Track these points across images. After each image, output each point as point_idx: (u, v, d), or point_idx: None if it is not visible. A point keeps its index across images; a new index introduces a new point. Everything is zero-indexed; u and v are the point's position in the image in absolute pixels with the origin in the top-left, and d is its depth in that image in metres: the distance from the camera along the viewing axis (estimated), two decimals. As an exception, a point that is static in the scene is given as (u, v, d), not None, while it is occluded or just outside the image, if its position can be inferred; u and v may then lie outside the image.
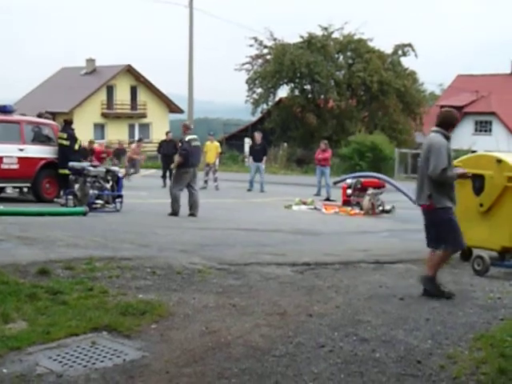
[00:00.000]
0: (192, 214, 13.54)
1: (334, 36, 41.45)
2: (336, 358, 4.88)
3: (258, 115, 44.30)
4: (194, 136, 13.99)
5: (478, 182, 9.51)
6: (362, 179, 18.16)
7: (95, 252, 8.24)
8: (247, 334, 5.41)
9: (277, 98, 42.70)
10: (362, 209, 17.03)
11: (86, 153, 19.09)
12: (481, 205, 9.46)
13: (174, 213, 13.40)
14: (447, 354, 4.96)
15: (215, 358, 4.81)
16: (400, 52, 41.81)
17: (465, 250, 9.78)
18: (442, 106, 48.78)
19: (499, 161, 9.34)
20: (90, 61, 55.76)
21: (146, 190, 20.40)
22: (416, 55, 41.87)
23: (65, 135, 15.04)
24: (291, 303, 6.48)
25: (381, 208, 17.12)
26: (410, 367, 4.69)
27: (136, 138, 39.72)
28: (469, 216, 9.67)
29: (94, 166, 14.34)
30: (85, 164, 14.31)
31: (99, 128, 51.84)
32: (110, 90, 53.76)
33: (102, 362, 4.72)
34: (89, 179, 13.75)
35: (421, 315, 6.13)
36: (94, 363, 4.69)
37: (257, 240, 10.79)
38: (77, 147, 15.28)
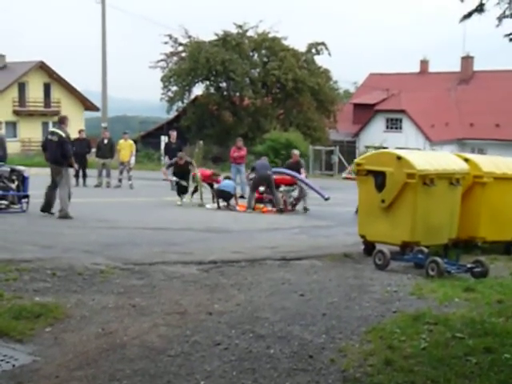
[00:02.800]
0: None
1: (248, 34, 41.58)
2: (230, 355, 4.92)
3: (174, 113, 43.98)
4: (53, 129, 13.78)
5: (380, 179, 9.79)
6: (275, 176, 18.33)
7: (-8, 255, 8.00)
8: (144, 334, 5.38)
9: (192, 96, 42.52)
10: (274, 206, 17.21)
11: None
12: (382, 201, 9.73)
13: (66, 215, 12.81)
14: (339, 347, 5.09)
15: (108, 360, 4.76)
16: (314, 50, 42.34)
17: (368, 244, 10.10)
18: (355, 104, 49.98)
19: (399, 158, 9.64)
20: (0, 57, 53.93)
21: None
22: (329, 53, 42.51)
23: None
24: (192, 302, 6.49)
25: (293, 203, 17.39)
26: (301, 362, 4.78)
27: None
28: (371, 212, 9.95)
29: (-2, 166, 13.90)
30: (-12, 164, 13.85)
31: (11, 126, 50.19)
32: (22, 87, 52.16)
33: (-10, 368, 4.60)
34: (-7, 180, 13.33)
35: (318, 310, 6.25)
36: (-19, 370, 4.56)
37: (165, 239, 10.72)
38: None
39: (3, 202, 13.43)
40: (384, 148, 24.95)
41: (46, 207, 13.04)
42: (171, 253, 9.23)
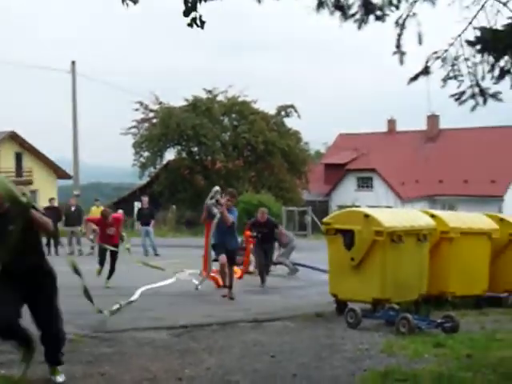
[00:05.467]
0: None
1: (218, 99, 42.33)
2: (199, 420, 4.87)
3: (147, 178, 44.18)
4: None
5: (349, 237, 9.89)
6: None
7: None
8: None
9: (164, 161, 42.85)
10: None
11: None
12: (352, 259, 9.82)
13: None
14: (309, 408, 5.07)
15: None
16: (283, 113, 43.15)
17: (340, 303, 10.13)
18: (325, 164, 50.63)
19: (367, 216, 9.78)
20: (-29, 128, 54.00)
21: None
22: (299, 115, 43.33)
23: None
24: (162, 368, 6.43)
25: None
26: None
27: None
28: (341, 270, 10.01)
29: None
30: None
31: (-19, 197, 49.95)
32: (-7, 157, 52.13)
33: None
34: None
35: (289, 371, 6.23)
36: None
37: (138, 305, 10.62)
38: None
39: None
40: (356, 207, 25.22)
41: None
42: (142, 318, 9.15)
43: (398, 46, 5.53)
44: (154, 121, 41.95)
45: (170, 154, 43.08)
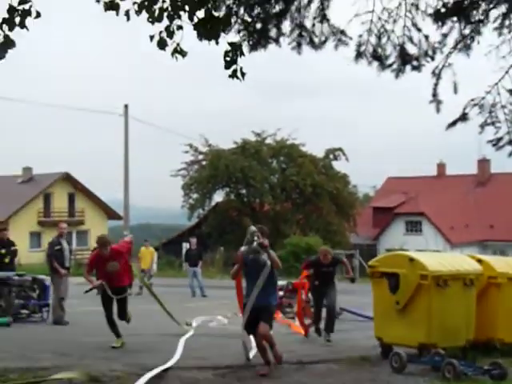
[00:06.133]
0: None
1: (267, 141, 42.80)
2: None
3: (196, 220, 44.67)
4: None
5: (394, 281, 9.89)
6: (293, 281, 18.37)
7: (11, 363, 8.12)
8: None
9: (213, 203, 43.34)
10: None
11: None
12: (397, 302, 9.78)
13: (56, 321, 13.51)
14: None
15: None
16: (331, 156, 43.34)
17: (385, 346, 10.07)
18: (374, 208, 50.39)
19: (411, 259, 9.77)
20: (27, 169, 55.67)
21: (76, 298, 20.07)
22: (347, 159, 43.47)
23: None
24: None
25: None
26: None
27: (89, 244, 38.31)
28: (387, 313, 9.97)
29: (20, 275, 14.18)
30: (10, 273, 14.14)
31: (35, 236, 51.17)
32: (47, 198, 53.54)
33: None
34: (14, 289, 13.58)
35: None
36: None
37: (187, 344, 10.76)
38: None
39: (24, 311, 13.64)
40: (404, 251, 25.00)
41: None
42: (187, 358, 9.27)
43: (435, 94, 5.67)
44: (204, 163, 42.60)
45: (218, 196, 43.65)
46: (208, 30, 5.68)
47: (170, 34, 5.88)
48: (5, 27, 4.85)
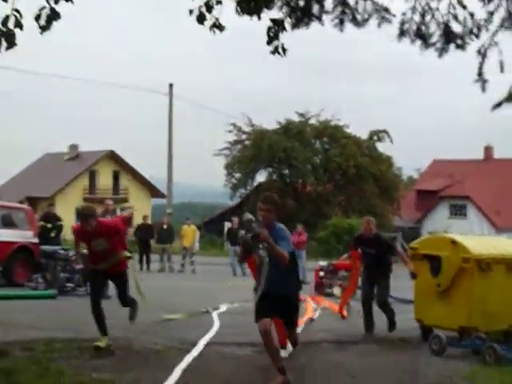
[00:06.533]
0: None
1: (310, 122, 42.60)
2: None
3: (238, 199, 44.85)
4: None
5: (435, 263, 9.80)
6: (334, 261, 18.37)
7: (57, 334, 8.34)
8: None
9: (255, 183, 43.41)
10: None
11: None
12: (438, 285, 9.71)
13: None
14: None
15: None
16: (375, 138, 42.94)
17: (425, 329, 10.02)
18: (418, 191, 49.85)
19: (454, 242, 9.67)
20: (73, 146, 56.58)
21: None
22: (391, 141, 43.05)
23: None
24: (244, 382, 6.61)
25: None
26: None
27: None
28: (428, 296, 9.91)
29: (65, 249, 14.49)
30: (56, 247, 14.46)
31: (81, 213, 52.03)
32: (93, 175, 54.37)
33: None
34: (60, 262, 13.89)
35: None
36: None
37: (222, 320, 10.88)
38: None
39: (69, 284, 13.94)
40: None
41: None
42: (227, 334, 9.37)
43: (480, 73, 5.57)
44: (247, 143, 42.65)
45: (261, 176, 43.69)
46: (250, 5, 5.71)
47: (209, 9, 5.94)
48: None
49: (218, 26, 6.04)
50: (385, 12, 5.77)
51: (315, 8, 5.92)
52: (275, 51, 6.06)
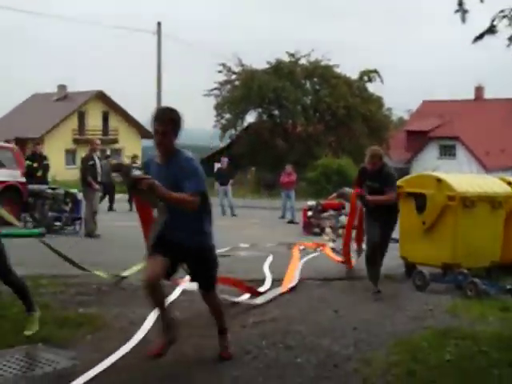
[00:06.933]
0: None
1: (300, 62, 42.14)
2: (259, 363, 5.12)
3: (228, 141, 44.70)
4: None
5: (421, 201, 9.86)
6: (322, 201, 18.49)
7: (42, 270, 8.41)
8: (179, 344, 5.61)
9: (245, 124, 43.19)
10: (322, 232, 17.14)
11: None
12: (423, 222, 9.79)
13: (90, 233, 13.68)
14: (364, 358, 5.23)
15: (143, 366, 5.00)
16: (366, 78, 42.61)
17: (409, 266, 10.16)
18: (408, 131, 49.78)
19: (439, 180, 9.71)
20: (62, 87, 55.94)
21: (109, 213, 20.50)
22: (382, 81, 42.71)
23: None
24: (229, 317, 6.70)
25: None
26: (326, 371, 4.94)
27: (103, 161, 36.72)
28: (412, 233, 10.00)
29: (53, 189, 14.50)
30: (43, 187, 14.46)
31: (70, 154, 51.85)
32: (82, 116, 53.92)
33: (33, 370, 4.91)
34: (47, 201, 13.91)
35: (350, 325, 6.39)
36: (24, 372, 4.87)
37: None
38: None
39: (58, 223, 13.99)
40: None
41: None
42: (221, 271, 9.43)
43: (460, 3, 5.49)
44: (236, 83, 42.23)
45: (251, 117, 43.42)
46: None
47: None
48: None
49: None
50: None
51: None
52: None
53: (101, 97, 54.41)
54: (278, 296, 7.88)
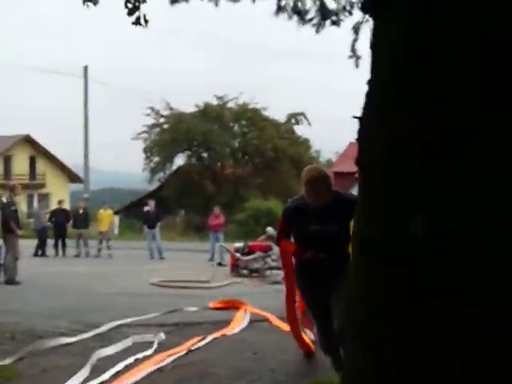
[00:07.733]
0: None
1: (229, 106, 42.63)
2: (173, 408, 5.06)
3: (157, 184, 44.55)
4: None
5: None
6: (250, 243, 18.57)
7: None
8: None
9: (174, 167, 43.20)
10: (251, 272, 17.27)
11: None
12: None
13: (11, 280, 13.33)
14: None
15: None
16: (293, 120, 43.41)
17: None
18: (335, 172, 50.64)
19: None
20: (-14, 131, 54.73)
21: (27, 259, 19.95)
22: (309, 123, 43.59)
23: None
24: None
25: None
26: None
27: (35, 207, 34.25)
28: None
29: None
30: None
31: (-5, 199, 50.48)
32: (7, 161, 52.75)
33: None
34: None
35: (268, 367, 6.40)
36: None
37: (132, 304, 10.84)
38: None
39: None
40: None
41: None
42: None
43: (353, 50, 5.72)
44: (165, 126, 42.32)
45: (179, 160, 43.50)
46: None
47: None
48: None
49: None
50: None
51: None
52: (137, 22, 6.04)
53: (28, 141, 53.47)
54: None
